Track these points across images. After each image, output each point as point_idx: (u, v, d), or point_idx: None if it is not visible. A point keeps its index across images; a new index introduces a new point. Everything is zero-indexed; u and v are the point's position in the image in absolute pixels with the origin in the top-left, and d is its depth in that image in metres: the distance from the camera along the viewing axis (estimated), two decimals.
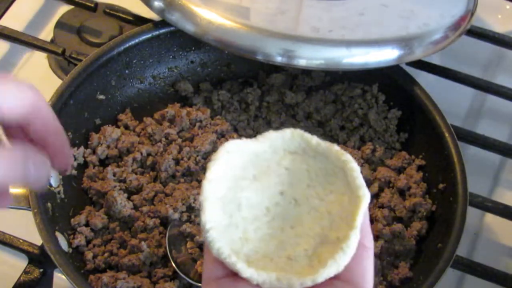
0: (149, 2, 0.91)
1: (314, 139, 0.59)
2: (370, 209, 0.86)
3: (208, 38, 0.87)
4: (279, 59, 0.86)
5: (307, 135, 0.59)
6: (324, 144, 0.58)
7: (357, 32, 0.88)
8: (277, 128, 0.93)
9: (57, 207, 0.80)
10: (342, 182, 0.57)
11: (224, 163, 0.57)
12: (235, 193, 0.57)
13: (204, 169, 0.88)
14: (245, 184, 0.58)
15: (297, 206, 0.58)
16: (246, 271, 0.53)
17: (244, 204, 0.57)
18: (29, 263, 0.81)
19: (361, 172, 0.80)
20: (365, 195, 0.56)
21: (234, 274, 0.54)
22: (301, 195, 0.58)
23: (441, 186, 0.85)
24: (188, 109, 0.93)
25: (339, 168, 0.57)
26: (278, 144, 0.59)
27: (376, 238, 0.82)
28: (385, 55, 0.87)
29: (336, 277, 0.53)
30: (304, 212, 0.57)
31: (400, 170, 0.89)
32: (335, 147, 0.58)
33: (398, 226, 0.82)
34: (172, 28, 0.92)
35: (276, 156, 0.59)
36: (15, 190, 0.78)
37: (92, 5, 1.04)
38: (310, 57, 0.86)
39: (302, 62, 0.86)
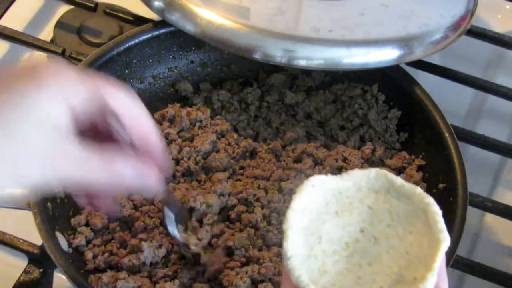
0: (149, 2, 0.91)
1: (399, 180, 0.60)
2: None
3: (208, 38, 0.87)
4: (279, 59, 0.86)
5: (392, 176, 0.61)
6: (408, 186, 0.60)
7: (357, 32, 0.88)
8: (277, 128, 0.93)
9: (57, 207, 0.80)
10: (423, 224, 0.59)
11: (308, 196, 0.59)
12: (317, 226, 0.59)
13: (203, 169, 0.88)
14: (327, 218, 0.60)
15: (377, 244, 0.59)
16: None
17: (324, 238, 0.59)
18: (29, 263, 0.81)
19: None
20: (446, 239, 0.57)
21: None
22: (381, 233, 0.59)
23: (441, 186, 0.85)
24: (188, 109, 0.93)
25: (420, 210, 0.59)
26: (363, 182, 0.61)
27: None
28: (385, 55, 0.87)
29: None
30: (383, 251, 0.59)
31: (400, 170, 0.89)
32: (418, 189, 0.59)
33: None
34: (172, 28, 0.92)
35: (360, 194, 0.61)
36: (14, 191, 0.78)
37: (92, 5, 1.04)
38: (310, 57, 0.86)
39: (302, 62, 0.86)
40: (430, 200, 0.59)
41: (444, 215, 0.82)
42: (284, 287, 0.58)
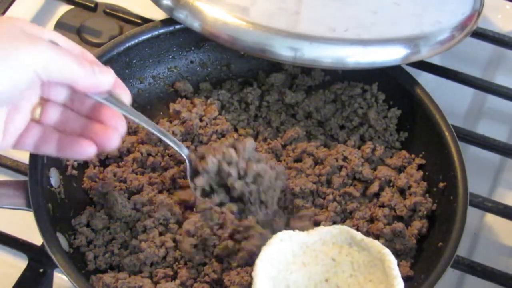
0: (158, 1, 0.91)
1: (359, 236, 0.69)
2: (370, 208, 0.86)
3: (217, 36, 0.87)
4: (286, 57, 0.86)
5: (353, 232, 0.69)
6: (367, 239, 0.68)
7: (371, 31, 0.88)
8: (277, 127, 0.93)
9: (57, 208, 0.80)
10: (381, 273, 0.66)
11: (276, 249, 0.67)
12: (285, 275, 0.66)
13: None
14: (294, 268, 0.67)
15: None
16: None
17: (292, 286, 0.66)
18: (29, 263, 0.81)
19: (361, 172, 0.84)
20: (400, 284, 0.65)
21: None
22: (343, 282, 0.67)
23: (441, 185, 0.85)
24: (196, 101, 0.93)
25: (378, 260, 0.67)
26: (327, 237, 0.69)
27: (377, 237, 0.82)
28: (392, 55, 0.87)
29: None
30: None
31: (400, 169, 0.90)
32: (376, 243, 0.68)
33: (398, 225, 0.82)
34: (171, 28, 0.92)
35: (325, 248, 0.68)
36: (16, 191, 0.78)
37: (92, 5, 1.04)
38: (318, 55, 0.86)
39: (309, 61, 0.86)
40: (386, 251, 0.67)
41: (444, 214, 0.83)
42: None
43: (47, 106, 0.71)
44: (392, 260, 0.66)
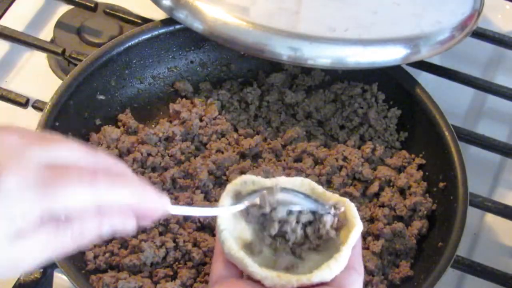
0: (158, 1, 0.91)
1: (321, 189, 0.69)
2: (370, 208, 0.86)
3: (217, 36, 0.87)
4: (286, 57, 0.86)
5: (315, 184, 0.69)
6: (329, 193, 0.68)
7: (371, 30, 0.88)
8: (277, 127, 0.93)
9: None
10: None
11: (240, 189, 0.68)
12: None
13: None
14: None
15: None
16: (252, 265, 0.62)
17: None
18: None
19: (361, 172, 0.84)
20: (359, 224, 0.65)
21: (240, 277, 0.63)
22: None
23: (441, 185, 0.85)
24: (196, 101, 0.93)
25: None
26: (288, 187, 0.68)
27: (377, 237, 0.82)
28: (392, 55, 0.88)
29: (327, 284, 0.62)
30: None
31: (400, 169, 0.90)
32: (337, 195, 0.68)
33: (398, 225, 0.82)
34: (171, 28, 0.92)
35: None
36: None
37: (92, 5, 1.04)
38: (318, 55, 0.86)
39: (309, 61, 0.86)
40: (346, 200, 0.67)
41: (444, 214, 0.83)
42: (216, 262, 0.65)
43: None
44: (352, 205, 0.67)
